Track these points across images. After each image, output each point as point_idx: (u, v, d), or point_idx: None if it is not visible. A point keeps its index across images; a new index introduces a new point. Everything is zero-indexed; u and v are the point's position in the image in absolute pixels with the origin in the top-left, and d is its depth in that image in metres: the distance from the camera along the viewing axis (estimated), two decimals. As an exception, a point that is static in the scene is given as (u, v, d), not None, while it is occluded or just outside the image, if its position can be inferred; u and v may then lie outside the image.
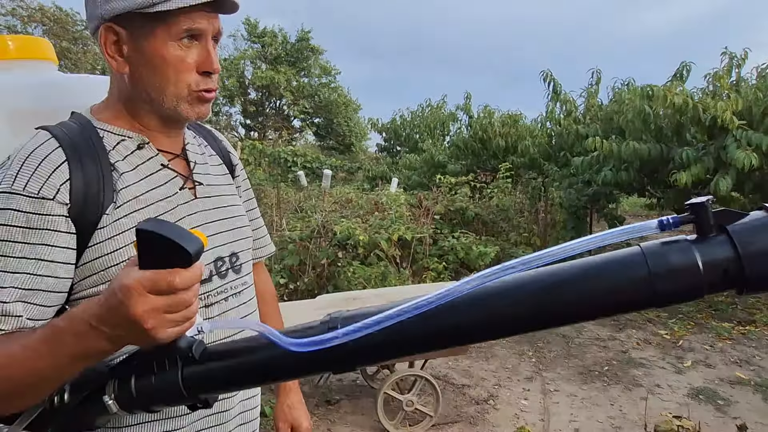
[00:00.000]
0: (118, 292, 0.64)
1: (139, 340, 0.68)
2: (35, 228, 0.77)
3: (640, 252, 0.58)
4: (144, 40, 0.85)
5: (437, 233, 6.29)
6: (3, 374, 0.70)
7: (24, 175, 0.78)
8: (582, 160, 6.31)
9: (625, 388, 3.98)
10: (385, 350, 0.69)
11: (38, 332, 0.73)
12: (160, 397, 0.74)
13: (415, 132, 12.76)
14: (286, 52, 21.77)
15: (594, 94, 7.66)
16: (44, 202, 0.78)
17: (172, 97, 0.88)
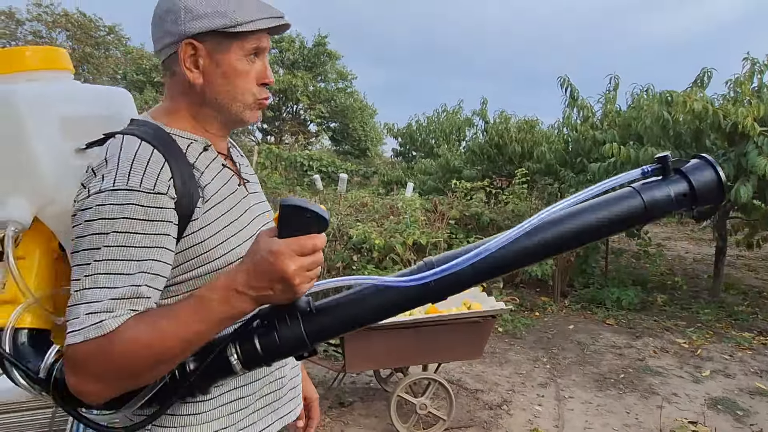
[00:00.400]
0: (269, 257, 0.80)
1: (283, 297, 0.84)
2: (154, 220, 0.87)
3: (634, 191, 0.90)
4: (220, 55, 0.97)
5: (452, 238, 6.28)
6: (156, 347, 0.81)
7: (136, 173, 0.87)
8: (599, 167, 6.25)
9: (641, 397, 3.93)
10: (470, 281, 0.90)
11: (181, 305, 0.85)
12: (284, 350, 0.88)
13: (431, 137, 12.77)
14: (303, 57, 21.93)
15: (612, 99, 7.59)
16: (159, 196, 0.87)
17: (239, 105, 1.01)
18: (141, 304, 0.84)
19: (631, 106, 7.08)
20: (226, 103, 1.00)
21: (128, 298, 0.82)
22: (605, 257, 7.24)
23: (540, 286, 6.87)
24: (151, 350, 0.81)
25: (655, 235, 10.57)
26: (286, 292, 0.82)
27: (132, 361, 0.81)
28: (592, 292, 6.49)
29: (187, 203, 0.92)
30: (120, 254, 0.84)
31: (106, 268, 0.83)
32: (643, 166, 0.91)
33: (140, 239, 0.85)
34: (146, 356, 0.81)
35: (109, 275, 0.83)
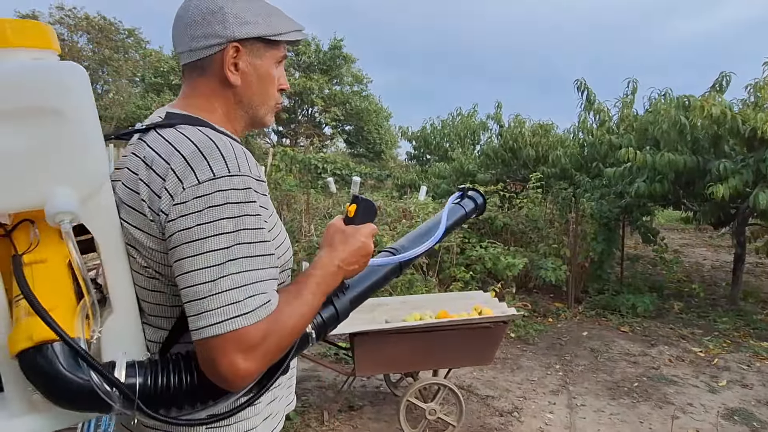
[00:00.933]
0: (363, 237, 1.03)
1: (361, 269, 1.05)
2: (263, 206, 0.93)
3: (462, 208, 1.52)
4: (259, 60, 1.03)
5: (465, 242, 6.25)
6: (305, 319, 0.92)
7: (243, 161, 0.90)
8: (614, 171, 6.19)
9: (656, 406, 3.87)
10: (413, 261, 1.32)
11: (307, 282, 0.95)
12: (338, 321, 1.07)
13: (445, 140, 12.74)
14: (318, 60, 22.03)
15: (629, 104, 7.51)
16: (263, 184, 0.95)
17: (266, 108, 1.08)
18: (277, 284, 0.90)
19: (648, 110, 7.00)
20: (257, 105, 1.06)
21: (273, 278, 0.88)
22: (620, 263, 7.15)
23: (553, 291, 6.81)
24: (305, 321, 0.92)
25: (672, 242, 10.42)
26: (365, 265, 1.05)
27: (294, 332, 0.90)
28: (607, 298, 6.41)
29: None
30: (257, 237, 0.87)
31: (249, 251, 0.85)
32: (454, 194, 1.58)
33: (263, 222, 0.90)
34: (301, 327, 0.91)
35: (254, 258, 0.85)
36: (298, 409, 3.61)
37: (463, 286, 5.53)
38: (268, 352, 0.85)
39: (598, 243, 6.65)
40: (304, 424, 3.45)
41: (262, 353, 0.84)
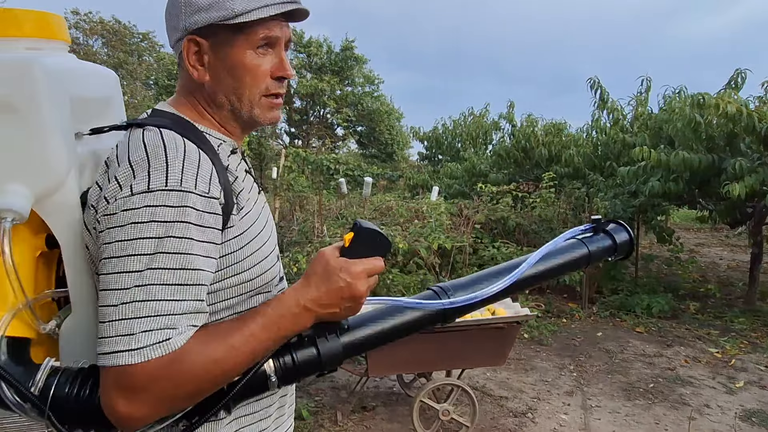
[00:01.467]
0: (347, 276, 0.84)
1: (346, 314, 0.88)
2: (206, 226, 0.80)
3: (582, 243, 1.20)
4: (225, 49, 0.89)
5: (477, 243, 6.23)
6: (228, 363, 0.79)
7: (189, 174, 0.79)
8: (628, 170, 6.13)
9: (671, 407, 3.83)
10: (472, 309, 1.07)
11: (250, 319, 0.82)
12: (319, 365, 0.90)
13: (457, 141, 12.71)
14: (330, 61, 22.09)
15: (643, 102, 7.44)
16: (213, 201, 0.81)
17: (247, 102, 0.92)
18: (200, 319, 0.78)
19: (662, 108, 6.93)
20: (236, 100, 0.92)
21: (191, 312, 0.76)
22: (635, 263, 7.09)
23: (567, 292, 6.77)
24: (222, 367, 0.78)
25: (688, 241, 10.30)
26: (352, 310, 0.86)
27: (202, 379, 0.76)
28: (621, 298, 6.35)
29: (228, 210, 0.86)
30: (179, 263, 0.76)
31: (163, 278, 0.75)
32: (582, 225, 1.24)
33: (196, 247, 0.78)
34: (216, 374, 0.77)
35: (167, 286, 0.75)
36: (311, 409, 3.63)
37: (476, 286, 5.51)
38: (163, 398, 0.75)
39: (612, 243, 6.60)
40: (318, 424, 3.47)
41: (150, 397, 0.74)
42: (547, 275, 1.14)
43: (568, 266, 1.17)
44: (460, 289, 1.03)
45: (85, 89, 1.01)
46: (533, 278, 1.12)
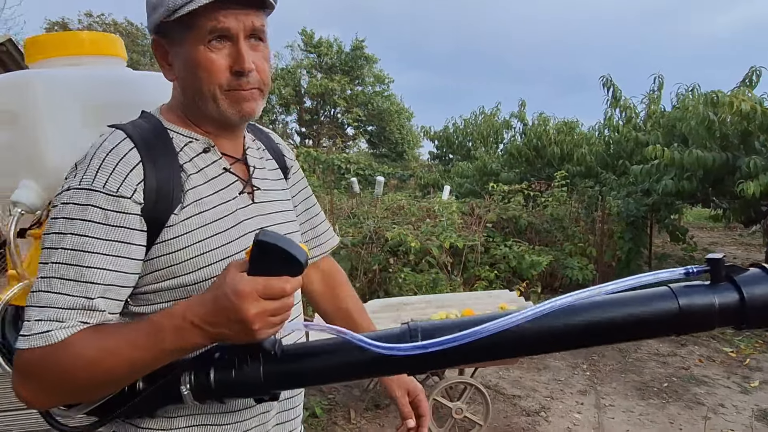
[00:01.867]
0: (231, 295, 0.72)
1: (239, 339, 0.76)
2: (113, 225, 0.80)
3: (670, 291, 0.77)
4: (179, 47, 0.89)
5: (489, 241, 6.23)
6: (100, 365, 0.76)
7: (103, 173, 0.81)
8: (641, 168, 6.10)
9: (686, 407, 3.81)
10: (458, 359, 0.86)
11: (135, 326, 0.79)
12: (237, 390, 0.81)
13: (468, 139, 12.70)
14: (341, 61, 22.17)
15: (656, 100, 7.40)
16: (122, 200, 0.81)
17: (208, 99, 0.89)
18: (93, 317, 0.78)
19: (675, 106, 6.88)
20: (198, 99, 0.90)
21: (80, 309, 0.77)
22: (648, 262, 7.05)
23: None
24: (95, 369, 0.76)
25: (701, 240, 10.21)
26: (244, 335, 0.75)
27: (73, 377, 0.76)
28: (634, 297, 6.32)
29: (164, 208, 0.85)
30: (75, 259, 0.78)
31: (61, 272, 0.78)
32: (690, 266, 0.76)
33: (97, 245, 0.79)
34: (89, 374, 0.76)
35: (63, 281, 0.77)
36: (325, 406, 3.66)
37: (488, 285, 5.53)
38: (44, 385, 0.77)
39: (625, 242, 6.57)
40: (331, 422, 3.50)
41: (33, 383, 0.77)
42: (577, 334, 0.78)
43: (625, 327, 0.77)
44: (439, 331, 0.77)
45: (113, 96, 1.10)
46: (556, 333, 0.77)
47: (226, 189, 0.94)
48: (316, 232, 1.22)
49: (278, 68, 22.54)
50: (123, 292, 0.83)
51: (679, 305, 0.75)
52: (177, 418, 0.90)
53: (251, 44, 0.90)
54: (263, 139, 1.13)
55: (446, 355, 0.77)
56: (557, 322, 0.77)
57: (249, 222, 0.95)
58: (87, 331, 0.77)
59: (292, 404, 1.04)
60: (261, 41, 0.92)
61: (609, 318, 0.77)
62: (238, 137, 1.01)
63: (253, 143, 1.07)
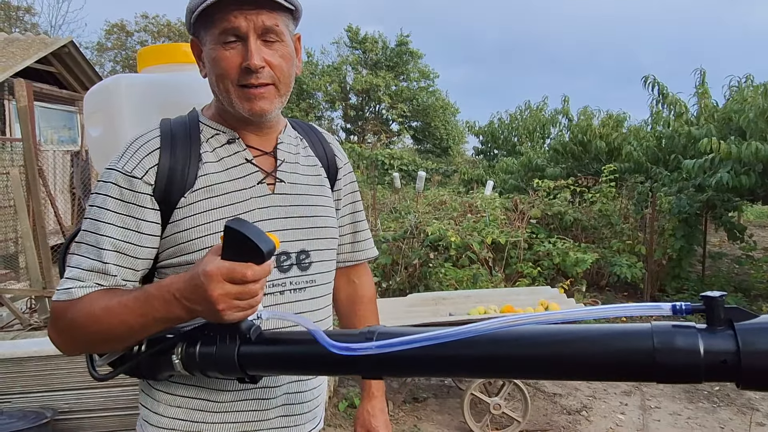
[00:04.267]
0: (201, 275, 0.79)
1: (210, 317, 0.83)
2: (126, 201, 0.92)
3: (648, 328, 0.66)
4: (204, 47, 0.98)
5: (533, 238, 6.13)
6: (102, 323, 0.86)
7: (126, 157, 0.95)
8: (694, 163, 5.85)
9: (738, 411, 3.65)
10: (410, 368, 0.84)
11: (133, 293, 0.87)
12: (217, 366, 0.87)
13: (513, 135, 12.49)
14: (385, 57, 22.20)
15: (704, 94, 7.09)
16: (134, 180, 0.92)
17: (224, 94, 0.96)
18: (107, 280, 0.89)
19: (731, 99, 6.56)
20: (217, 93, 0.99)
21: (96, 272, 0.89)
22: (702, 261, 6.76)
23: (628, 290, 6.54)
24: (99, 325, 0.86)
25: (762, 239, 9.70)
26: (212, 314, 0.80)
27: (84, 328, 0.87)
28: (687, 298, 6.07)
29: (176, 191, 0.95)
30: (93, 228, 0.91)
31: (85, 238, 0.91)
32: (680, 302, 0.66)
33: (111, 217, 0.91)
34: (95, 329, 0.86)
35: (86, 245, 0.91)
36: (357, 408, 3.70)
37: (530, 282, 5.44)
38: (70, 333, 0.90)
39: (676, 239, 6.32)
40: (370, 413, 3.53)
41: (61, 329, 0.90)
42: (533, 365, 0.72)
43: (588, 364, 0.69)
44: (397, 336, 0.75)
45: (178, 98, 1.26)
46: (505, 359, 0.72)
47: (243, 178, 1.00)
48: (356, 238, 1.24)
49: (324, 65, 22.80)
50: (137, 263, 0.93)
51: (653, 346, 0.63)
52: (180, 386, 0.99)
53: (265, 43, 0.94)
54: (313, 138, 1.16)
55: (400, 361, 0.77)
56: (513, 346, 0.72)
57: (261, 211, 1.00)
58: (99, 292, 0.89)
59: (300, 399, 1.05)
60: (277, 40, 0.96)
61: (571, 351, 0.69)
62: (266, 132, 1.05)
63: (293, 139, 1.11)
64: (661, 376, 0.64)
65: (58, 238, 6.34)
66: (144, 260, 0.95)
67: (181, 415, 0.99)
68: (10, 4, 18.34)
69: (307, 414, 1.07)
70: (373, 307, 1.32)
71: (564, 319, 0.71)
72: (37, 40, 8.88)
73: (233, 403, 0.99)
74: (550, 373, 0.75)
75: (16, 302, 3.90)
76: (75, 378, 2.55)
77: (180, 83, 1.30)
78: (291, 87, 1.01)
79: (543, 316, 0.71)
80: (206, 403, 0.99)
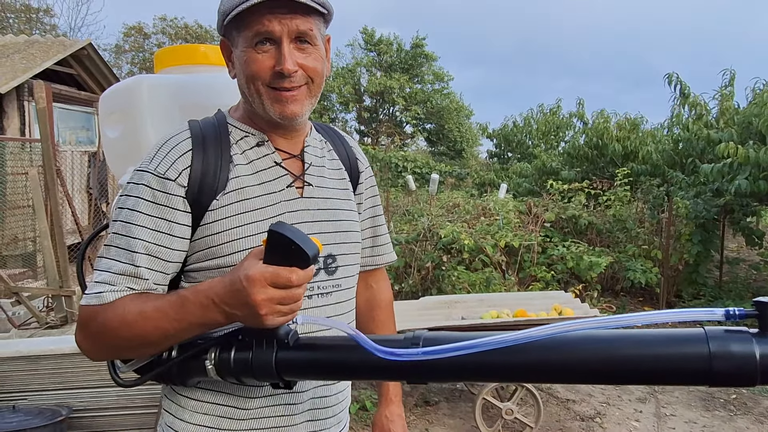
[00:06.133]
0: (243, 280, 0.77)
1: (250, 322, 0.81)
2: (158, 203, 0.91)
3: (703, 333, 0.67)
4: (235, 48, 0.97)
5: (547, 241, 6.08)
6: (136, 328, 0.84)
7: (158, 158, 0.93)
8: (712, 167, 5.76)
9: (756, 420, 3.59)
10: (456, 373, 0.83)
11: (167, 298, 0.86)
12: (253, 371, 0.85)
13: (527, 138, 12.42)
14: (400, 59, 22.19)
15: (729, 96, 6.97)
16: (167, 182, 0.91)
17: (255, 96, 0.96)
18: (138, 284, 0.88)
19: (752, 102, 6.46)
20: (247, 95, 0.98)
21: (128, 275, 0.87)
22: (719, 266, 6.65)
23: (643, 295, 6.47)
24: (131, 330, 0.84)
25: (782, 245, 9.53)
26: (253, 319, 0.79)
27: (115, 334, 0.85)
28: (703, 303, 5.98)
29: (208, 193, 0.93)
30: (125, 230, 0.89)
31: (116, 241, 0.89)
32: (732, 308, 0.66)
33: (143, 219, 0.89)
34: (127, 334, 0.85)
35: (117, 249, 0.89)
36: (374, 400, 3.70)
37: (544, 286, 5.39)
38: (93, 339, 0.88)
39: (693, 244, 6.23)
40: (381, 415, 3.53)
41: (90, 333, 0.88)
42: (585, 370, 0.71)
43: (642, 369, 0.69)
44: (441, 342, 0.76)
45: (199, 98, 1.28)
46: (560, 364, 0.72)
47: (273, 181, 1.00)
48: (376, 242, 1.25)
49: (339, 67, 22.86)
50: (168, 267, 0.92)
51: (709, 351, 0.65)
52: (207, 392, 0.97)
53: (298, 47, 0.95)
54: (336, 141, 1.17)
55: (446, 367, 0.76)
56: (566, 351, 0.71)
57: (291, 215, 1.00)
58: (131, 297, 0.87)
59: (326, 404, 1.05)
60: (310, 44, 0.96)
61: (625, 356, 0.69)
62: (294, 135, 1.05)
63: (318, 143, 1.11)
64: (717, 380, 0.66)
65: (75, 237, 6.44)
66: (174, 263, 0.94)
67: (208, 422, 0.97)
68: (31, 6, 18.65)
69: (332, 418, 1.07)
70: (391, 312, 1.33)
71: (617, 324, 0.71)
72: (56, 42, 9.02)
73: (261, 410, 0.98)
74: (603, 378, 0.75)
75: (33, 301, 3.96)
76: (91, 376, 2.58)
77: (201, 84, 1.30)
78: (321, 88, 1.02)
79: (593, 322, 0.71)
80: (233, 410, 0.97)
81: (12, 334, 3.60)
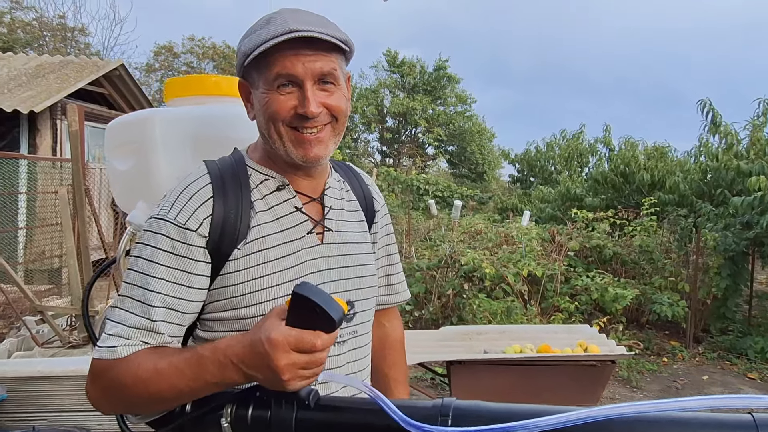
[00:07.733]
0: (265, 342, 0.73)
1: (270, 385, 0.77)
2: (178, 255, 0.88)
3: (752, 422, 0.62)
4: (255, 90, 0.96)
5: (570, 271, 5.98)
6: (150, 385, 0.81)
7: (177, 206, 0.90)
8: (743, 200, 5.63)
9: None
10: None
11: (183, 354, 0.83)
12: (270, 430, 0.81)
13: (550, 163, 12.34)
14: (423, 81, 22.37)
15: (761, 126, 6.83)
16: (188, 232, 0.88)
17: (276, 138, 0.94)
18: (154, 339, 0.85)
19: (785, 133, 6.32)
20: (267, 137, 0.96)
21: (143, 329, 0.85)
22: (749, 301, 6.46)
23: (669, 328, 6.30)
24: (145, 387, 0.81)
25: (814, 279, 9.23)
26: (274, 383, 0.75)
27: (128, 390, 0.82)
28: (732, 339, 5.81)
29: (229, 242, 0.91)
30: (141, 282, 0.86)
31: (130, 292, 0.87)
32: None
33: (162, 271, 0.87)
34: (140, 391, 0.82)
35: (132, 300, 0.86)
36: None
37: (567, 317, 5.29)
38: (105, 393, 0.85)
39: (722, 278, 6.07)
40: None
41: (96, 389, 0.86)
42: None
43: None
44: (473, 415, 0.71)
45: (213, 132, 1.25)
46: None
47: (293, 228, 0.98)
48: (390, 281, 1.24)
49: (362, 88, 23.12)
50: (186, 318, 0.90)
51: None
52: None
53: (321, 87, 0.93)
54: (353, 180, 1.15)
55: None
56: None
57: (311, 263, 0.98)
58: (146, 352, 0.84)
59: None
60: (333, 84, 0.94)
61: None
62: (315, 177, 1.03)
63: (337, 183, 1.09)
64: None
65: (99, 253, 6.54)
66: (191, 315, 0.91)
67: None
68: (67, 25, 19.30)
69: None
70: (403, 352, 1.31)
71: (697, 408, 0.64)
72: (90, 63, 9.29)
73: None
74: None
75: (56, 319, 4.01)
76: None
77: (213, 116, 1.28)
78: (345, 127, 1.00)
79: (638, 406, 0.65)
80: None
81: (35, 353, 3.64)
